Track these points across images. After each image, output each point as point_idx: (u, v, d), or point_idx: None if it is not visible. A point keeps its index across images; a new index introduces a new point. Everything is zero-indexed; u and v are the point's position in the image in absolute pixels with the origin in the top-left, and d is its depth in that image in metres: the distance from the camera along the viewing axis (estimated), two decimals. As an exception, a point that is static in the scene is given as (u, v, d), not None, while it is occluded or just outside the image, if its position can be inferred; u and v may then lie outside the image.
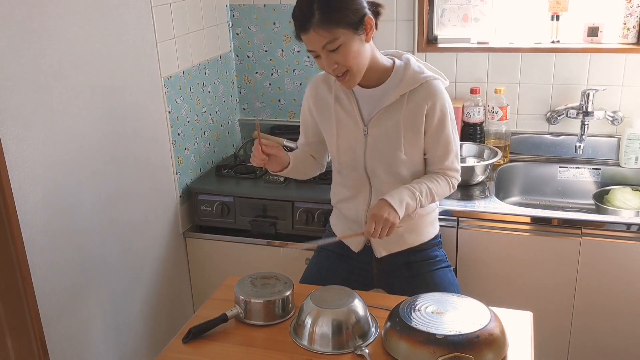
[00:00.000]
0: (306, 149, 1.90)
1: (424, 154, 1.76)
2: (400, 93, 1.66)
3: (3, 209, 1.62)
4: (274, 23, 2.70)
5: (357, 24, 1.56)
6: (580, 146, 2.36)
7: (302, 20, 1.55)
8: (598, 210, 2.26)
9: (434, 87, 1.68)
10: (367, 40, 1.61)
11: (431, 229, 1.86)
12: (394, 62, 1.72)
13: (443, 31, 2.57)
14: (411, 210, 1.67)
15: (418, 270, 1.83)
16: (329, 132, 1.79)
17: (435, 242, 1.88)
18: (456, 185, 1.79)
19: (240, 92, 2.87)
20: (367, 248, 1.84)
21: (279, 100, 2.82)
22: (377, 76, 1.69)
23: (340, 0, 1.54)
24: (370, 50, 1.64)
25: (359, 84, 1.70)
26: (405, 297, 1.53)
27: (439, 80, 1.70)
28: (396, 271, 1.84)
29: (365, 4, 1.59)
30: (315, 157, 1.90)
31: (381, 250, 1.81)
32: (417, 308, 1.43)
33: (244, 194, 2.39)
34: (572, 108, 2.39)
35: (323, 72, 1.79)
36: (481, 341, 1.32)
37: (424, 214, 1.82)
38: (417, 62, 1.72)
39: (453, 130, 1.73)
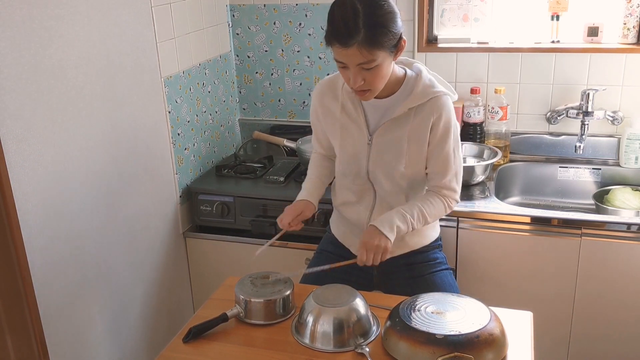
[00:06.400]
0: (322, 152, 1.90)
1: (426, 168, 1.75)
2: (408, 106, 1.65)
3: (3, 209, 1.62)
4: (274, 23, 2.70)
5: (395, 46, 1.54)
6: (580, 146, 2.36)
7: (345, 35, 1.47)
8: (598, 210, 2.26)
9: (441, 102, 1.66)
10: (395, 60, 1.60)
11: (432, 231, 1.87)
12: (405, 71, 1.71)
13: (443, 31, 2.57)
14: (403, 233, 1.66)
15: (418, 272, 1.83)
16: (333, 139, 1.79)
17: (436, 244, 1.88)
18: (453, 207, 1.76)
19: (240, 92, 2.87)
20: None
21: (279, 100, 2.82)
22: (388, 87, 1.67)
23: (386, 20, 1.50)
24: (392, 65, 1.62)
25: None
26: (406, 297, 1.53)
27: (448, 96, 1.68)
28: (396, 273, 1.84)
29: (401, 25, 1.56)
30: (333, 158, 1.89)
31: None
32: (417, 308, 1.43)
33: (244, 194, 2.39)
34: (572, 108, 2.39)
35: (328, 78, 1.79)
36: (481, 341, 1.32)
37: None
38: (428, 73, 1.70)
39: (455, 150, 1.71)
